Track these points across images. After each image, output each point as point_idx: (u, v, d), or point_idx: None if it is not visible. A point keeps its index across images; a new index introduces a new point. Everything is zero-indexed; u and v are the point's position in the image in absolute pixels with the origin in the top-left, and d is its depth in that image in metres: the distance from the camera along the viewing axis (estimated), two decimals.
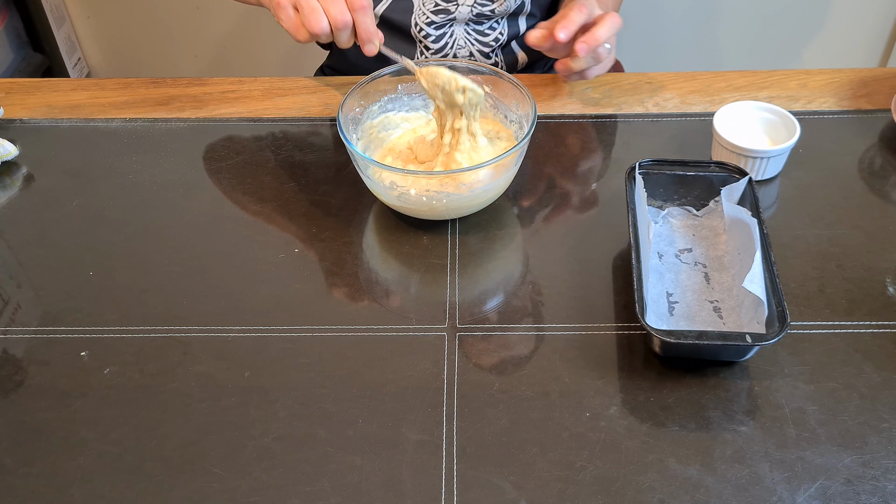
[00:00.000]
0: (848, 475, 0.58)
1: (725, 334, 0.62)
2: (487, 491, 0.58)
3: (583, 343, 0.67)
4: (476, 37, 1.00)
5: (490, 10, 0.97)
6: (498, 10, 0.98)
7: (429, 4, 0.97)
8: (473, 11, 0.97)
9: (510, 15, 1.00)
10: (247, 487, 0.59)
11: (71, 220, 0.80)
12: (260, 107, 0.93)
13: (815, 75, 0.95)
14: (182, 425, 0.62)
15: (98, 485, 0.59)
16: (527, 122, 0.78)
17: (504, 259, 0.76)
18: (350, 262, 0.75)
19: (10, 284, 0.74)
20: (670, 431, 0.61)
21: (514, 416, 0.62)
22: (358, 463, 0.60)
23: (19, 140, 0.88)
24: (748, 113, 0.83)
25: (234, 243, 0.77)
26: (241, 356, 0.67)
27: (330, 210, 0.80)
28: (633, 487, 0.58)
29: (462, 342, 0.68)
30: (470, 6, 0.96)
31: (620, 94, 0.93)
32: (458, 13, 0.97)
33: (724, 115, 0.82)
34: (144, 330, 0.69)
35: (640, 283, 0.65)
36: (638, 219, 0.70)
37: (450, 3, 0.96)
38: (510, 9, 0.98)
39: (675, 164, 0.76)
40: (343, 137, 0.74)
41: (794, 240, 0.75)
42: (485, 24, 1.00)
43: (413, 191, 0.73)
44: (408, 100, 0.85)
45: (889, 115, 0.88)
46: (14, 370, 0.67)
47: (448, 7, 0.97)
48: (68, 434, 0.62)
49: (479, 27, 1.00)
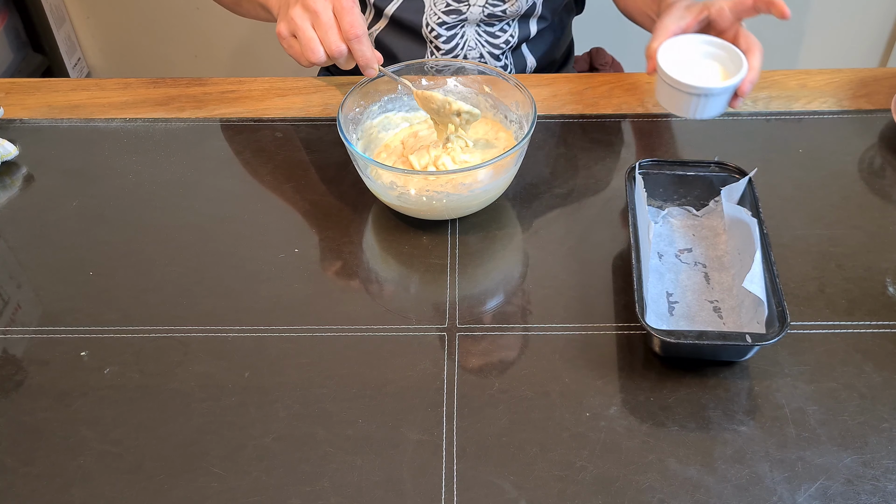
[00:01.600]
0: (848, 475, 0.58)
1: (725, 334, 0.62)
2: (487, 491, 0.58)
3: (583, 343, 0.67)
4: (487, 38, 1.00)
5: (501, 11, 0.97)
6: (509, 10, 0.98)
7: (440, 4, 0.97)
8: (485, 12, 0.97)
9: (521, 17, 1.00)
10: (247, 487, 0.59)
11: (71, 220, 0.80)
12: (260, 107, 0.93)
13: (815, 75, 0.95)
14: (182, 425, 0.62)
15: (98, 485, 0.59)
16: (527, 122, 0.78)
17: (504, 259, 0.76)
18: (350, 262, 0.75)
19: (10, 284, 0.74)
20: (670, 431, 0.61)
21: (514, 416, 0.62)
22: (358, 463, 0.60)
23: (19, 140, 0.88)
24: (694, 47, 0.79)
25: (234, 243, 0.77)
26: (241, 356, 0.67)
27: (330, 210, 0.80)
28: (633, 487, 0.58)
29: (462, 342, 0.68)
30: (481, 6, 0.96)
31: (620, 94, 0.93)
32: (469, 13, 0.97)
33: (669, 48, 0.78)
34: (144, 330, 0.69)
35: (640, 283, 0.65)
36: (638, 219, 0.70)
37: (461, 4, 0.96)
38: (521, 10, 0.98)
39: (675, 164, 0.76)
40: (343, 137, 0.74)
41: (794, 240, 0.75)
42: (496, 25, 1.00)
43: (413, 191, 0.73)
44: (407, 100, 0.85)
45: (889, 115, 0.88)
46: (14, 370, 0.67)
47: (459, 7, 0.97)
48: (68, 434, 0.62)
49: (490, 28, 1.00)
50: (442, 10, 0.97)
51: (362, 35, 0.77)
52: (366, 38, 0.78)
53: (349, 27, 0.77)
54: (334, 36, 0.77)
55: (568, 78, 0.96)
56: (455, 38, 0.99)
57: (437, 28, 0.98)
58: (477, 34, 1.00)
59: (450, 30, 0.99)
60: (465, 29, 0.99)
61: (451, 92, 0.84)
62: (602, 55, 1.30)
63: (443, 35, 0.99)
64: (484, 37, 1.00)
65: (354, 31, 0.77)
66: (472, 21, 0.99)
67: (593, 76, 0.96)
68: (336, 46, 0.77)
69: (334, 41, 0.77)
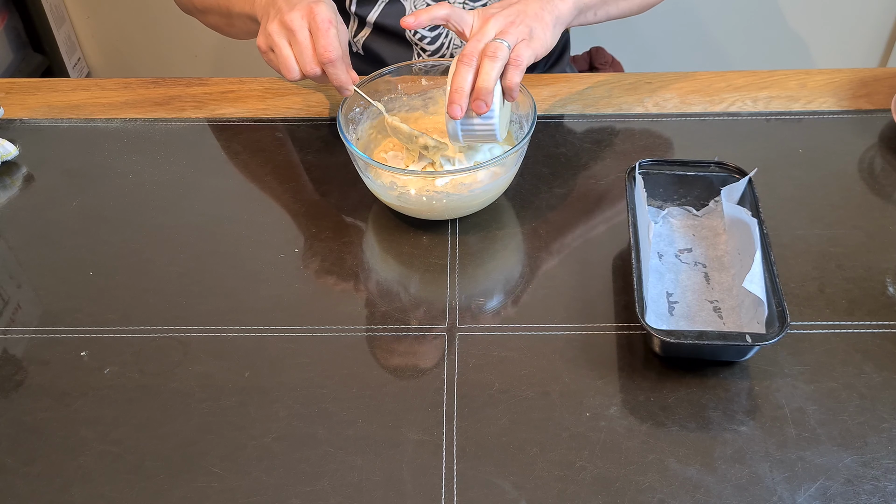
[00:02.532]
0: (848, 475, 0.58)
1: (725, 334, 0.62)
2: (487, 491, 0.58)
3: (583, 343, 0.67)
4: None
5: (482, 6, 0.97)
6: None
7: (420, 6, 0.96)
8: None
9: None
10: (247, 487, 0.59)
11: (71, 220, 0.80)
12: (260, 107, 0.93)
13: (814, 75, 0.95)
14: (182, 425, 0.62)
15: (98, 485, 0.59)
16: (527, 122, 0.78)
17: (504, 259, 0.76)
18: (350, 262, 0.75)
19: (10, 284, 0.74)
20: (670, 431, 0.61)
21: (514, 416, 0.62)
22: (358, 463, 0.60)
23: (19, 140, 0.88)
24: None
25: (234, 243, 0.77)
26: (241, 356, 0.67)
27: (330, 210, 0.80)
28: (633, 487, 0.58)
29: (462, 342, 0.68)
30: (461, 4, 0.96)
31: (620, 94, 0.93)
32: None
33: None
34: (144, 330, 0.69)
35: (640, 283, 0.65)
36: (638, 219, 0.70)
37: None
38: None
39: (675, 164, 0.76)
40: (343, 137, 0.74)
41: (794, 240, 0.75)
42: None
43: (413, 191, 0.73)
44: (407, 100, 0.85)
45: (889, 115, 0.88)
46: (14, 370, 0.67)
47: None
48: (68, 434, 0.62)
49: None
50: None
51: (336, 59, 0.75)
52: (341, 61, 0.76)
53: (323, 50, 0.74)
54: (309, 57, 0.75)
55: (568, 78, 0.96)
56: (440, 38, 0.99)
57: (421, 30, 0.98)
58: None
59: (433, 31, 0.99)
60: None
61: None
62: (602, 54, 1.30)
63: (427, 37, 0.99)
64: None
65: (328, 55, 0.74)
66: None
67: (593, 76, 0.97)
68: (311, 68, 0.76)
69: (309, 62, 0.75)
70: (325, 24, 0.74)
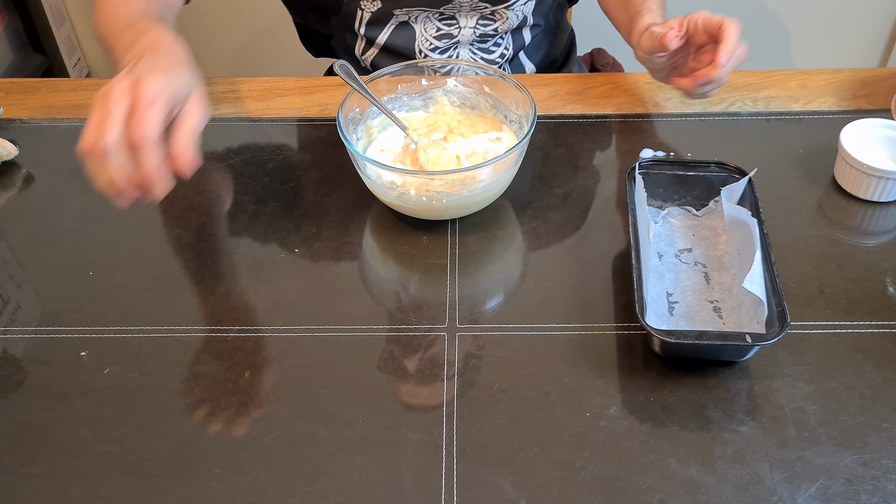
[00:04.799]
0: (848, 475, 0.58)
1: (725, 334, 0.62)
2: (487, 491, 0.58)
3: (583, 343, 0.67)
4: (482, 55, 1.00)
5: (493, 30, 0.97)
6: (500, 28, 0.97)
7: (431, 30, 0.96)
8: (476, 33, 0.96)
9: (514, 29, 1.00)
10: (247, 487, 0.59)
11: (71, 220, 0.80)
12: (259, 107, 0.93)
13: (814, 75, 0.95)
14: (182, 425, 0.62)
15: (98, 485, 0.59)
16: (527, 122, 0.78)
17: (504, 259, 0.76)
18: (350, 262, 0.75)
19: (10, 284, 0.74)
20: (670, 431, 0.61)
21: (514, 416, 0.62)
22: (358, 463, 0.60)
23: (19, 140, 0.88)
24: (875, 131, 0.80)
25: (234, 243, 0.77)
26: (241, 356, 0.67)
27: (330, 210, 0.80)
28: (634, 487, 0.58)
29: (462, 342, 0.68)
30: (472, 28, 0.96)
31: (620, 94, 0.93)
32: (461, 36, 0.97)
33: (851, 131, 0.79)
34: (144, 330, 0.69)
35: (640, 283, 0.65)
36: (638, 219, 0.70)
37: (452, 27, 0.96)
38: (513, 25, 0.98)
39: (675, 164, 0.76)
40: (343, 137, 0.74)
41: (794, 240, 0.75)
42: (489, 41, 0.99)
43: (413, 191, 0.73)
44: (407, 100, 0.85)
45: (889, 115, 0.88)
46: (14, 370, 0.67)
47: (451, 31, 0.96)
48: (68, 434, 0.62)
49: (483, 45, 0.99)
50: (433, 35, 0.96)
51: (148, 142, 0.60)
52: (156, 146, 0.61)
53: (134, 128, 0.60)
54: (116, 133, 0.60)
55: (568, 78, 0.96)
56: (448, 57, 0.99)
57: (431, 53, 0.98)
58: (471, 52, 0.99)
59: (443, 53, 0.98)
60: (459, 49, 0.99)
61: (450, 92, 0.84)
62: (603, 56, 1.30)
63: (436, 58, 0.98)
64: (479, 54, 1.00)
65: (137, 132, 0.60)
66: (464, 42, 0.98)
67: (593, 76, 0.96)
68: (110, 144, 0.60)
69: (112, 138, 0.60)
70: (148, 101, 0.61)
